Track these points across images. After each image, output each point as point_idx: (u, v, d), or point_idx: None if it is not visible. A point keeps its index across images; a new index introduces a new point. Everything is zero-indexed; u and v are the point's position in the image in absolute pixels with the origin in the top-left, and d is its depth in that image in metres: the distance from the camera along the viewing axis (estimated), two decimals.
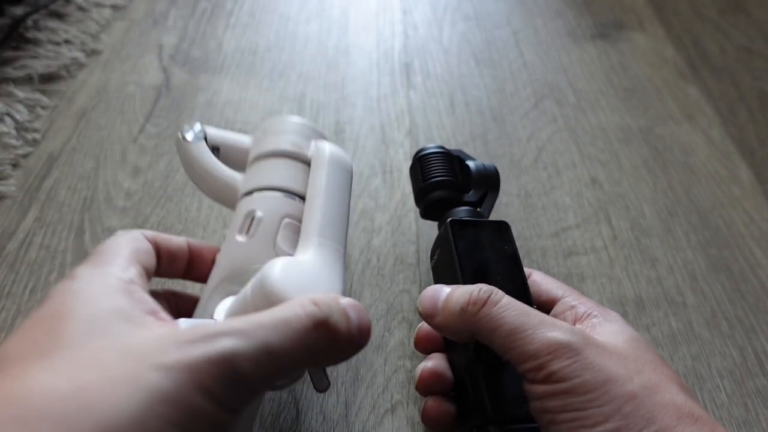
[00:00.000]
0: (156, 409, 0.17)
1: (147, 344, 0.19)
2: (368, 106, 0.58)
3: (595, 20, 0.72)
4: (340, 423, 0.35)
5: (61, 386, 0.17)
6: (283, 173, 0.32)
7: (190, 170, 0.34)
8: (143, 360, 0.18)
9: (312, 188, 0.31)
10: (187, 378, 0.18)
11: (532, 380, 0.25)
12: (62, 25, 0.63)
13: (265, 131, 0.34)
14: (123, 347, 0.19)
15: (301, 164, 0.33)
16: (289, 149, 0.33)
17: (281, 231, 0.29)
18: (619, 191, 0.51)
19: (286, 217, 0.30)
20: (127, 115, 0.55)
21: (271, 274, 0.24)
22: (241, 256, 0.28)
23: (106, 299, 0.21)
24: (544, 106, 0.59)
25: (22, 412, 0.16)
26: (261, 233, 0.29)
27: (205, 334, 0.19)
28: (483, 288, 0.28)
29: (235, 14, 0.69)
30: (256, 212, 0.30)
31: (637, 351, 0.27)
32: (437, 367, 0.32)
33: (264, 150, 0.33)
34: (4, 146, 0.49)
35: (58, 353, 0.19)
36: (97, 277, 0.23)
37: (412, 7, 0.73)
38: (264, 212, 0.30)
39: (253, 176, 0.32)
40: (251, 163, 0.33)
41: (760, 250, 0.47)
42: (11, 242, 0.43)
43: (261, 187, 0.31)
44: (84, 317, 0.20)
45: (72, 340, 0.19)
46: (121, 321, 0.21)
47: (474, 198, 0.39)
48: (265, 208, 0.30)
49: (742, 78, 0.65)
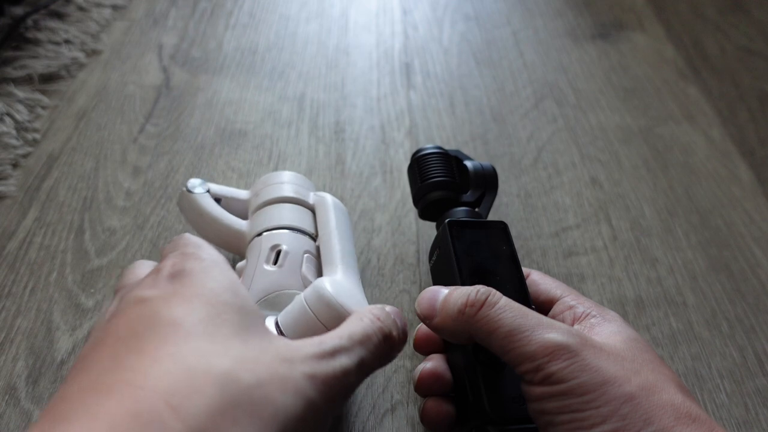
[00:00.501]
0: (308, 415, 0.20)
1: (293, 353, 0.22)
2: (368, 106, 0.58)
3: (595, 20, 0.72)
4: (340, 423, 0.35)
5: (246, 379, 0.19)
6: (294, 215, 0.37)
7: (198, 219, 0.38)
8: (296, 368, 0.21)
9: (325, 227, 0.36)
10: (324, 390, 0.21)
11: (530, 382, 0.25)
12: (62, 25, 0.63)
13: (265, 183, 0.39)
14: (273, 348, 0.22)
15: (303, 208, 0.38)
16: (294, 196, 0.38)
17: (305, 263, 0.34)
18: (619, 191, 0.51)
19: (306, 252, 0.35)
20: (127, 115, 0.55)
21: (327, 290, 0.29)
22: (273, 283, 0.33)
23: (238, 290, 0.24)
24: (544, 106, 0.59)
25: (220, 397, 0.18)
26: (288, 264, 0.34)
27: (326, 351, 0.23)
28: (481, 289, 0.28)
29: (235, 14, 0.69)
30: (282, 246, 0.34)
31: (635, 351, 0.27)
32: (436, 367, 0.32)
33: (271, 197, 0.38)
34: (4, 146, 0.49)
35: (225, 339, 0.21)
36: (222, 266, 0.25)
37: (412, 7, 0.73)
38: (288, 246, 0.34)
39: (265, 218, 0.37)
40: (257, 209, 0.38)
41: (760, 250, 0.47)
42: (11, 242, 0.43)
43: (276, 226, 0.36)
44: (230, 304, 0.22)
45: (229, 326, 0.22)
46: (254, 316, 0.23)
47: (472, 198, 0.39)
48: (288, 243, 0.35)
49: (742, 78, 0.64)
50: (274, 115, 0.56)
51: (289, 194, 0.38)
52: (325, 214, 0.37)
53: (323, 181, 0.50)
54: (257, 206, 0.38)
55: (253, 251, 0.35)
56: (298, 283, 0.33)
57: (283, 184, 0.39)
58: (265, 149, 0.53)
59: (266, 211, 0.37)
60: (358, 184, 0.50)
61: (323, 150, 0.53)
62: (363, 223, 0.47)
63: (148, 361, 0.19)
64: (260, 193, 0.39)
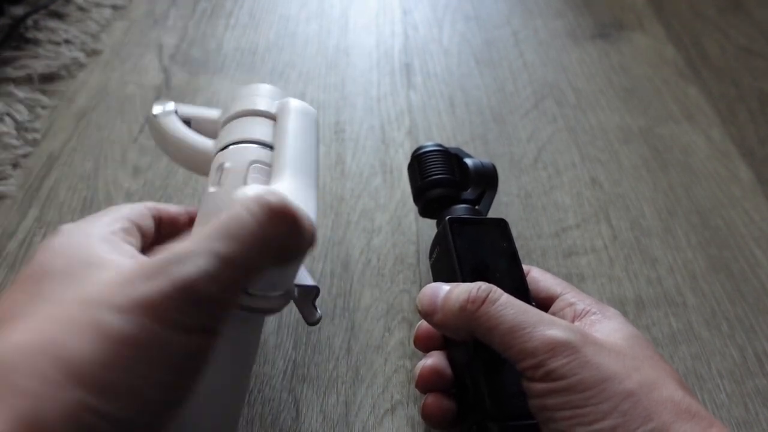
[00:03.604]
0: (122, 352, 0.18)
1: (105, 287, 0.19)
2: (368, 106, 0.58)
3: (595, 20, 0.72)
4: (340, 423, 0.35)
5: (31, 341, 0.17)
6: (248, 127, 0.33)
7: (163, 142, 0.35)
8: (102, 304, 0.18)
9: (280, 132, 0.32)
10: (145, 316, 0.18)
11: (531, 378, 0.25)
12: (62, 25, 0.63)
13: (233, 98, 0.35)
14: (84, 294, 0.19)
15: (268, 120, 0.34)
16: (254, 108, 0.34)
17: (250, 175, 0.30)
18: (619, 191, 0.51)
19: (255, 163, 0.30)
20: (127, 115, 0.55)
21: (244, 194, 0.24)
22: (213, 206, 0.29)
23: (83, 250, 0.22)
24: (544, 106, 0.59)
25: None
26: (230, 181, 0.29)
27: (157, 267, 0.19)
28: (482, 286, 0.28)
29: (235, 14, 0.70)
30: (225, 163, 0.30)
31: (635, 348, 0.27)
32: (437, 364, 0.32)
33: (231, 112, 0.34)
34: (4, 146, 0.49)
35: (35, 312, 0.19)
36: (80, 231, 0.23)
37: (412, 7, 0.73)
38: (232, 162, 0.30)
39: (222, 137, 0.33)
40: (221, 128, 0.34)
41: (760, 250, 0.47)
42: (11, 242, 0.43)
43: (228, 143, 0.32)
44: (59, 271, 0.20)
45: (48, 296, 0.20)
46: (95, 267, 0.20)
47: (472, 196, 0.39)
48: (233, 159, 0.31)
49: (742, 78, 0.65)
50: None
51: (247, 107, 0.34)
52: (282, 118, 0.33)
53: (323, 181, 0.50)
54: (221, 125, 0.35)
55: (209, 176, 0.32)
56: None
57: (243, 98, 0.35)
58: None
59: (224, 129, 0.34)
60: (358, 184, 0.50)
61: (323, 150, 0.53)
62: (363, 223, 0.47)
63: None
64: (225, 111, 0.35)
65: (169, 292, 0.19)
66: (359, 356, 0.39)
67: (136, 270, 0.19)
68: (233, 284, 0.20)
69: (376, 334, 0.40)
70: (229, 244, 0.20)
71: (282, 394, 0.36)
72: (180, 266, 0.19)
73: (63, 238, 0.23)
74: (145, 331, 0.18)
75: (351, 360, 0.38)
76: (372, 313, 0.41)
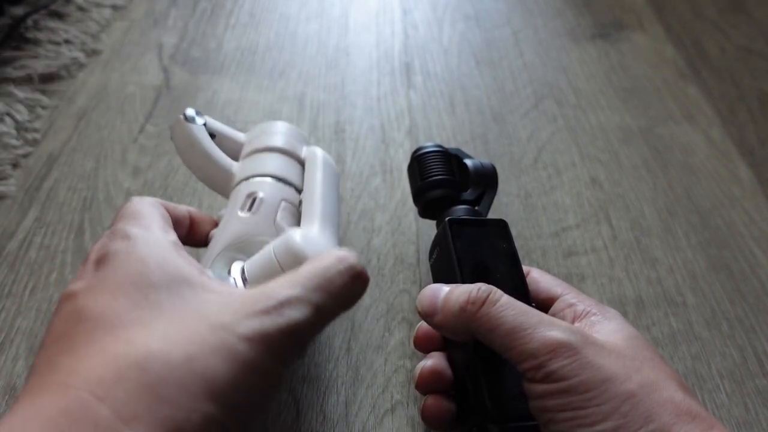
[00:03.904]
0: (246, 376, 0.20)
1: (225, 315, 0.22)
2: (368, 106, 0.58)
3: (595, 20, 0.72)
4: (340, 423, 0.35)
5: (173, 355, 0.20)
6: (280, 165, 0.36)
7: (189, 150, 0.37)
8: (229, 331, 0.21)
9: (310, 181, 0.36)
10: (266, 349, 0.21)
11: (532, 379, 0.25)
12: (62, 25, 0.63)
13: (262, 130, 0.39)
14: (206, 316, 0.22)
15: (294, 161, 0.37)
16: (285, 147, 0.37)
17: (280, 211, 0.33)
18: (619, 191, 0.51)
19: (284, 201, 0.34)
20: (127, 115, 0.55)
21: (296, 240, 0.29)
22: (245, 230, 0.32)
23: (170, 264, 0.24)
24: (544, 106, 0.59)
25: (145, 378, 0.19)
26: (263, 211, 0.33)
27: (272, 305, 0.22)
28: (482, 287, 0.28)
29: (235, 14, 0.69)
30: (258, 193, 0.34)
31: (635, 349, 0.27)
32: (437, 365, 0.32)
33: (262, 145, 0.37)
34: (4, 146, 0.49)
35: (152, 321, 0.21)
36: (152, 240, 0.25)
37: (412, 7, 0.73)
38: (265, 194, 0.34)
39: (251, 165, 0.36)
40: (248, 155, 0.37)
41: (760, 250, 0.47)
42: (11, 242, 0.43)
43: (260, 174, 0.35)
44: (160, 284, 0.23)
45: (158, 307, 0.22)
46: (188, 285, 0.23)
47: (472, 196, 0.39)
48: (266, 191, 0.34)
49: (742, 78, 0.65)
50: (274, 115, 0.56)
51: (279, 145, 0.37)
52: (312, 167, 0.37)
53: None
54: (248, 153, 0.37)
55: (234, 196, 0.35)
56: (270, 231, 0.33)
57: (276, 134, 0.38)
58: None
59: (254, 158, 0.37)
60: (358, 184, 0.50)
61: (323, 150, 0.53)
62: (363, 223, 0.47)
63: (78, 360, 0.20)
64: (253, 140, 0.38)
65: (284, 330, 0.22)
66: (359, 356, 0.39)
67: (249, 303, 0.22)
68: (320, 328, 0.25)
69: (376, 334, 0.40)
70: (323, 297, 0.24)
71: (282, 394, 0.36)
72: (291, 310, 0.22)
73: (143, 247, 0.24)
74: (263, 359, 0.21)
75: (351, 360, 0.38)
76: (372, 313, 0.41)
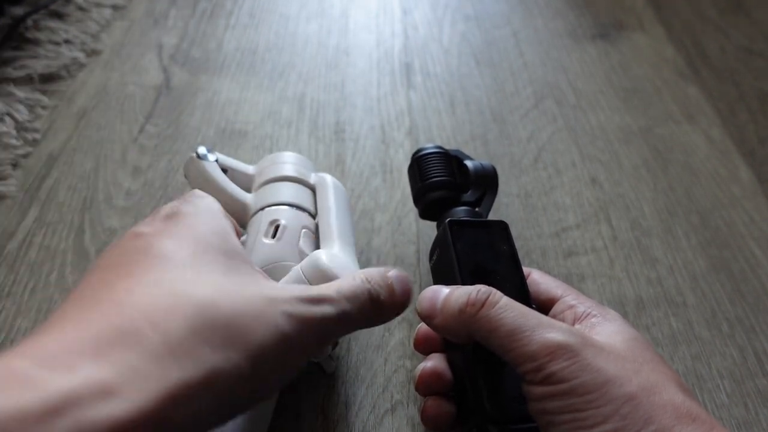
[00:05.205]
0: (279, 348, 0.22)
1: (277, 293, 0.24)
2: (368, 106, 0.58)
3: (595, 20, 0.72)
4: (340, 423, 0.35)
5: (223, 307, 0.21)
6: (294, 192, 0.39)
7: (204, 186, 0.39)
8: (275, 305, 0.23)
9: (324, 205, 0.38)
10: (300, 329, 0.23)
11: (531, 381, 0.25)
12: (62, 25, 0.63)
13: (272, 161, 0.41)
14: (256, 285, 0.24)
15: (305, 187, 0.40)
16: (295, 175, 0.40)
17: (302, 238, 0.36)
18: (619, 191, 0.51)
19: (304, 228, 0.36)
20: (127, 115, 0.55)
21: (323, 260, 0.31)
22: (272, 256, 0.34)
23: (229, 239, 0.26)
24: (544, 106, 0.59)
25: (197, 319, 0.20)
26: (286, 237, 0.35)
27: (312, 296, 0.24)
28: (481, 289, 0.28)
29: (235, 14, 0.69)
30: (281, 221, 0.36)
31: (635, 351, 0.27)
32: (436, 367, 0.32)
33: (274, 175, 0.40)
34: (4, 146, 0.49)
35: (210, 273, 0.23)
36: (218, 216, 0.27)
37: (412, 7, 0.73)
38: (287, 221, 0.36)
39: (267, 194, 0.38)
40: (261, 185, 0.40)
41: (760, 250, 0.47)
42: (11, 242, 0.43)
43: (277, 203, 0.37)
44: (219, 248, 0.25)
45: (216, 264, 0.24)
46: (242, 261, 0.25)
47: (472, 198, 0.39)
48: (287, 218, 0.36)
49: (742, 78, 0.65)
50: (274, 116, 0.56)
51: (291, 174, 0.40)
52: (324, 192, 0.39)
53: None
54: (261, 183, 0.40)
55: (253, 225, 0.37)
56: (294, 256, 0.35)
57: (286, 164, 0.41)
58: (265, 149, 0.53)
59: (269, 188, 0.39)
60: (358, 184, 0.50)
61: (323, 150, 0.53)
62: (363, 223, 0.47)
63: (134, 283, 0.21)
64: (264, 171, 0.41)
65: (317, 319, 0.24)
66: (359, 356, 0.39)
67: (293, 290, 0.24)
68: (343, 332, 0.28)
69: (376, 334, 0.40)
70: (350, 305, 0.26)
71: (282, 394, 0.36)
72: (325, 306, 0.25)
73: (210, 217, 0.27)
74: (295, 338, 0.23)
75: (351, 360, 0.38)
76: None
